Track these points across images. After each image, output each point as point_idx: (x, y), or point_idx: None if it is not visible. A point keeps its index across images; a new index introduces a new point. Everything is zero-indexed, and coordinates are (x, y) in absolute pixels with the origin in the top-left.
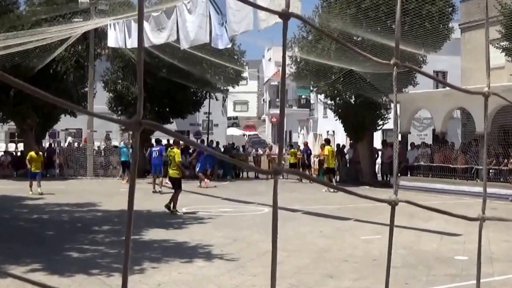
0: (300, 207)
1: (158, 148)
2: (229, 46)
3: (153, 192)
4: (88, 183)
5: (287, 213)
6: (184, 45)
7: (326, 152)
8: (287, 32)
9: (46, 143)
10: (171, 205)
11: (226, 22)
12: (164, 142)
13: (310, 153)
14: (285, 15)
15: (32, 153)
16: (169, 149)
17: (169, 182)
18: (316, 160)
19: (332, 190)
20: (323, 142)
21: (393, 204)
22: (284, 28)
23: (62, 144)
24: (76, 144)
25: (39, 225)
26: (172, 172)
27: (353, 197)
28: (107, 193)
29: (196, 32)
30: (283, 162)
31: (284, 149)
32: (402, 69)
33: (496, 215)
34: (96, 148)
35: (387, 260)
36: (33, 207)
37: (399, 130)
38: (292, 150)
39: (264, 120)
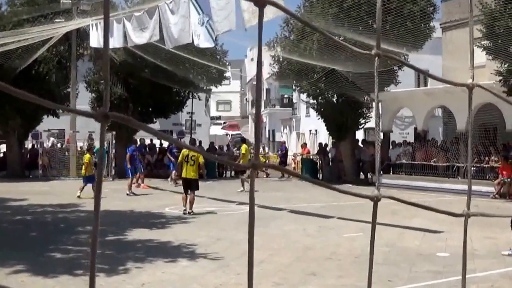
0: (284, 206)
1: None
2: (212, 46)
3: (127, 194)
4: (72, 183)
5: (272, 212)
6: (168, 45)
7: (243, 150)
8: (263, 21)
9: (28, 144)
10: (192, 209)
11: (207, 21)
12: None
13: (286, 152)
14: (261, 2)
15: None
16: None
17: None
18: (295, 158)
19: (241, 190)
20: (304, 142)
21: (375, 200)
22: (260, 14)
23: (45, 145)
24: (59, 145)
25: (22, 226)
26: (194, 174)
27: (335, 196)
28: (90, 194)
29: (179, 33)
30: (267, 161)
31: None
32: (383, 59)
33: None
34: (79, 149)
35: (370, 257)
36: (17, 208)
37: (380, 128)
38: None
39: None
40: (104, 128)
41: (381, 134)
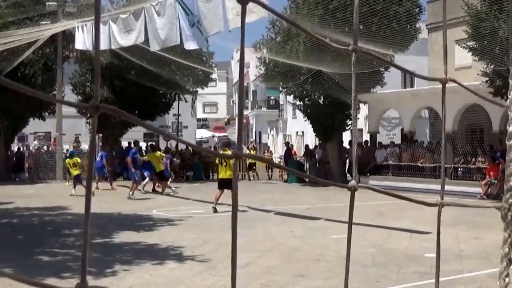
0: (271, 208)
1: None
2: (204, 46)
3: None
4: (58, 186)
5: (258, 214)
6: (154, 47)
7: (147, 158)
8: (245, 19)
9: (15, 147)
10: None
11: (198, 22)
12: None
13: (290, 152)
14: (242, 0)
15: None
16: (221, 151)
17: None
18: (281, 160)
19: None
20: (291, 143)
21: (352, 189)
22: (243, 12)
23: (31, 148)
24: (45, 148)
25: (9, 229)
26: (228, 174)
27: (322, 197)
28: (77, 196)
29: (166, 34)
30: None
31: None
32: (360, 55)
33: (464, 213)
34: (65, 152)
35: (347, 251)
36: (3, 211)
37: (368, 127)
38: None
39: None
40: (96, 120)
41: (368, 135)
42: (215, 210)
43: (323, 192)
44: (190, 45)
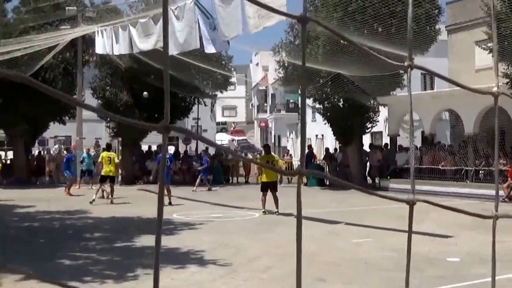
0: (291, 211)
1: (167, 156)
2: (226, 49)
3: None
4: (78, 190)
5: (278, 217)
6: (172, 50)
7: (100, 159)
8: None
9: (35, 151)
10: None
11: (218, 25)
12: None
13: (312, 156)
14: (303, 19)
15: None
16: (263, 154)
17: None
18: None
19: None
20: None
21: (411, 203)
22: (303, 31)
23: (52, 152)
24: (65, 152)
25: (30, 233)
26: (274, 176)
27: (341, 201)
28: (97, 200)
29: (185, 38)
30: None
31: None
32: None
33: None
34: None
35: (407, 259)
36: (24, 215)
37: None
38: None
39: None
40: (166, 139)
41: (388, 138)
42: (265, 213)
43: (342, 195)
44: (211, 49)
